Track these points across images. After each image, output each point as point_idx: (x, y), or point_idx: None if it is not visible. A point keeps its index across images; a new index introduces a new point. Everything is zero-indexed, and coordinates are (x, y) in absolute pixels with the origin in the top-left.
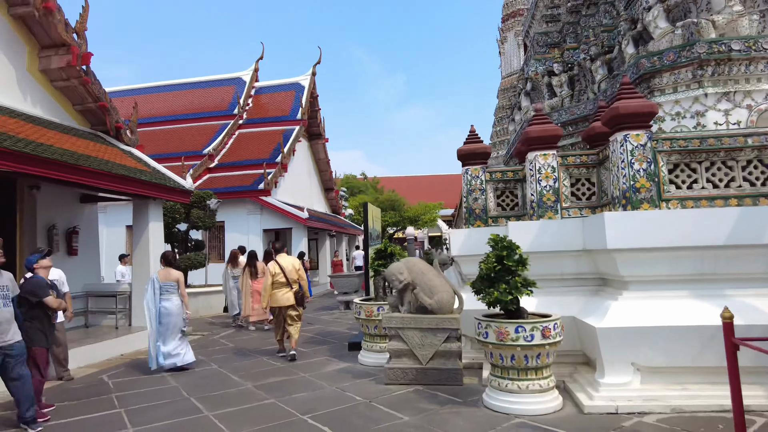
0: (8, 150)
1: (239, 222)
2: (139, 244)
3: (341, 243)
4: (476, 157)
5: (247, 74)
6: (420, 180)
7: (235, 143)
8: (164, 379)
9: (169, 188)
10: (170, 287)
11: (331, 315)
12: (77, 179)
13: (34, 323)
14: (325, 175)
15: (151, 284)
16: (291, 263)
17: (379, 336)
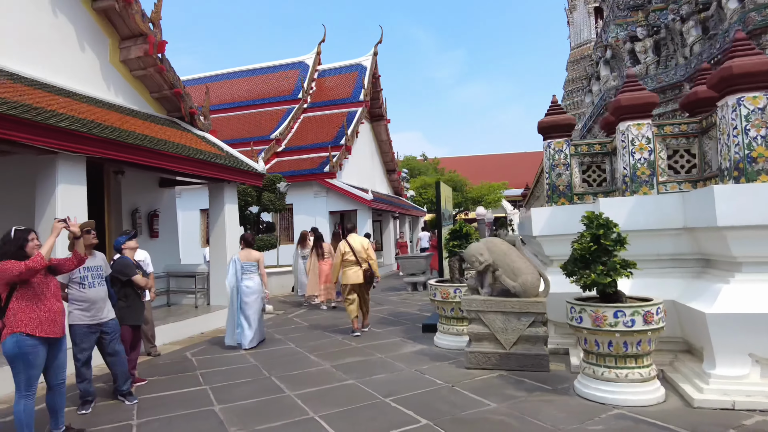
0: (97, 137)
1: (306, 204)
2: (215, 226)
3: (404, 224)
4: (559, 129)
5: (310, 58)
6: (482, 160)
7: (300, 127)
8: (244, 357)
9: (243, 171)
10: (251, 267)
11: (399, 296)
12: (159, 164)
13: (126, 301)
14: (387, 157)
15: (232, 264)
16: (360, 243)
17: (456, 318)
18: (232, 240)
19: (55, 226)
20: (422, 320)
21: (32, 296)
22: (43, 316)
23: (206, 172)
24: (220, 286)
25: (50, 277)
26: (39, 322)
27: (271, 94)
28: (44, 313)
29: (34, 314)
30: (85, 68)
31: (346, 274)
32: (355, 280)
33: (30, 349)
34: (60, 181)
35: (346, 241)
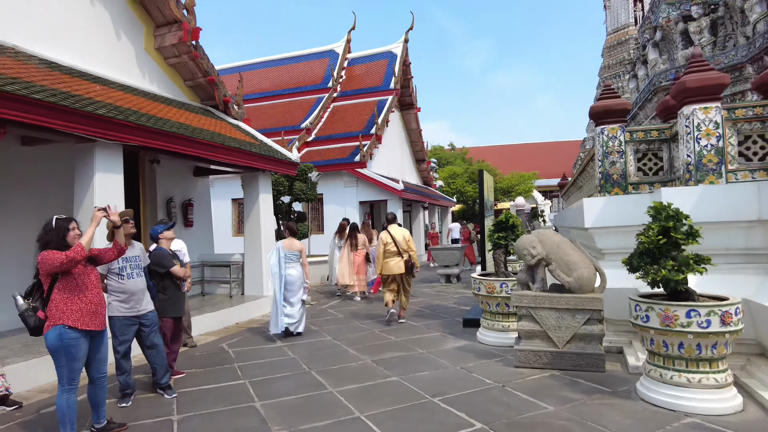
0: (134, 125)
1: (336, 194)
2: (250, 216)
3: (434, 215)
4: (613, 114)
5: (340, 46)
6: (511, 149)
7: (330, 116)
8: (281, 350)
9: (277, 160)
10: (293, 256)
11: (432, 288)
12: (194, 152)
13: (166, 293)
14: (417, 146)
15: (276, 252)
16: (402, 234)
17: (501, 314)
18: (267, 230)
19: (95, 215)
20: (460, 314)
21: (74, 287)
22: (84, 308)
23: (241, 161)
24: (255, 276)
25: (91, 268)
26: (81, 314)
27: (301, 84)
28: (86, 305)
29: (76, 306)
30: (121, 56)
31: (388, 264)
32: (397, 271)
33: (72, 341)
34: (98, 169)
35: (387, 232)
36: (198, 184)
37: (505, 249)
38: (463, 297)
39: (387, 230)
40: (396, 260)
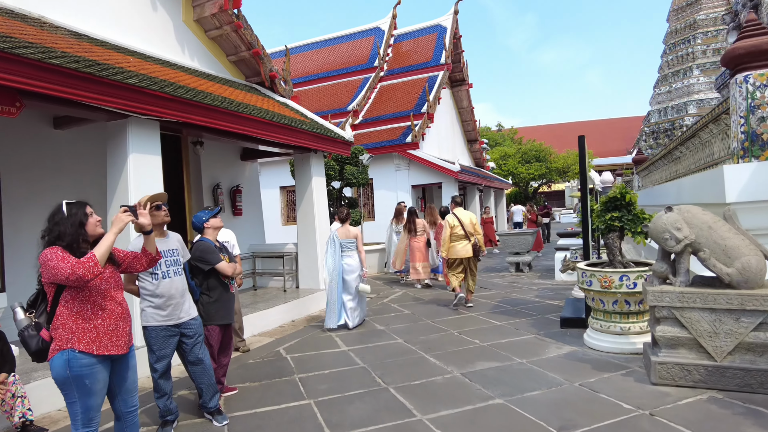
0: (170, 96)
1: (387, 178)
2: (302, 201)
3: (489, 198)
4: (761, 57)
5: (385, 23)
6: (560, 128)
7: (377, 97)
8: (347, 356)
9: (330, 139)
10: (350, 245)
11: (503, 278)
12: (240, 129)
13: (211, 295)
14: (469, 125)
15: (331, 242)
16: (468, 217)
17: (620, 313)
18: (321, 216)
19: (117, 217)
20: (550, 310)
21: (85, 299)
22: (101, 326)
23: (292, 140)
24: (310, 268)
25: (111, 270)
26: (96, 335)
27: (346, 64)
28: (103, 322)
29: (90, 324)
30: (157, 28)
31: (455, 248)
32: (465, 254)
33: (86, 370)
34: (132, 149)
35: (454, 215)
36: (246, 168)
37: (619, 232)
38: (543, 289)
39: (453, 213)
40: (463, 243)
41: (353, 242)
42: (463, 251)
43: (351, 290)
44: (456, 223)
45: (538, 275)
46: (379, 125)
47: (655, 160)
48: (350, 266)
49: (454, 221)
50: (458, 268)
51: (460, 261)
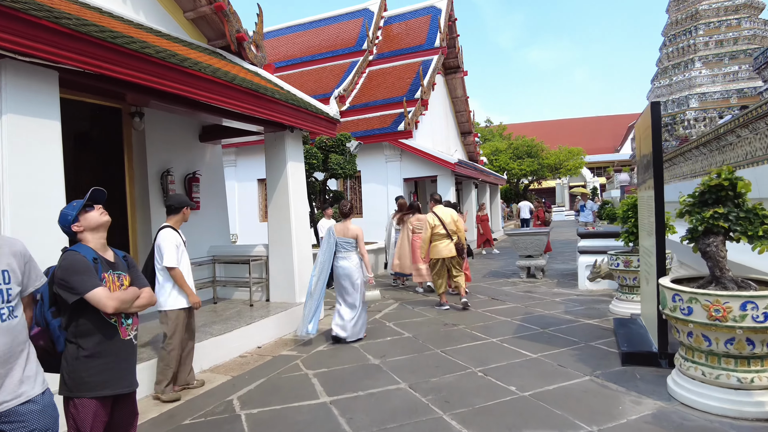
0: (72, 32)
1: (377, 170)
2: (275, 191)
3: (484, 195)
4: None
5: (375, 3)
6: (549, 125)
7: (366, 82)
8: (329, 414)
9: (310, 114)
10: (347, 245)
11: (514, 285)
12: (193, 93)
13: (82, 345)
14: (463, 117)
15: (327, 239)
16: (450, 215)
17: (737, 358)
18: (299, 211)
19: None
20: (588, 332)
21: None
22: None
23: (261, 111)
24: (284, 276)
25: None
26: None
27: (332, 47)
28: None
29: None
30: None
31: (437, 248)
32: (448, 254)
33: None
34: (6, 106)
35: (434, 214)
36: (206, 152)
37: (724, 236)
38: (569, 300)
39: (433, 212)
40: (445, 243)
41: (352, 242)
42: (445, 250)
43: (348, 298)
44: (437, 222)
45: (554, 282)
46: (368, 112)
47: (684, 150)
48: (345, 269)
49: (434, 220)
50: (441, 269)
51: (443, 261)
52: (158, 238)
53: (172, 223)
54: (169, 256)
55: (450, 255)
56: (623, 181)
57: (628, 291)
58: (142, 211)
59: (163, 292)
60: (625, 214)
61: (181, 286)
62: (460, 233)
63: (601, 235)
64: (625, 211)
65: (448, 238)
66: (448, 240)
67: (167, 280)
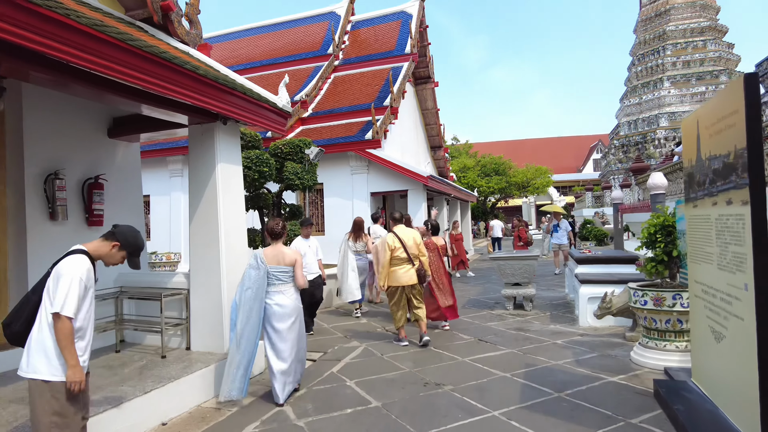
0: None
1: (341, 183)
2: (199, 202)
3: (455, 211)
4: None
5: (342, 7)
6: (514, 144)
7: (331, 88)
8: None
9: (249, 101)
10: (284, 275)
11: (502, 320)
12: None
13: None
14: (433, 130)
15: (256, 265)
16: (411, 236)
17: None
18: (232, 229)
19: None
20: (620, 399)
21: None
22: None
23: (184, 94)
24: (211, 315)
25: None
26: None
27: (295, 51)
28: None
29: None
30: None
31: (396, 274)
32: (408, 281)
33: None
34: None
35: (394, 235)
36: (117, 152)
37: None
38: (574, 343)
39: (393, 232)
40: (406, 268)
41: (288, 272)
42: (405, 277)
43: (282, 345)
44: (397, 244)
45: (547, 315)
46: (333, 120)
47: (669, 171)
48: (282, 308)
49: (394, 242)
50: (401, 298)
51: (403, 290)
52: (60, 267)
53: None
54: (65, 300)
55: (410, 282)
56: (616, 198)
57: (658, 337)
58: (15, 225)
59: (44, 350)
60: (651, 238)
61: (62, 348)
62: (423, 257)
63: (602, 260)
64: (651, 234)
65: (409, 263)
66: (408, 265)
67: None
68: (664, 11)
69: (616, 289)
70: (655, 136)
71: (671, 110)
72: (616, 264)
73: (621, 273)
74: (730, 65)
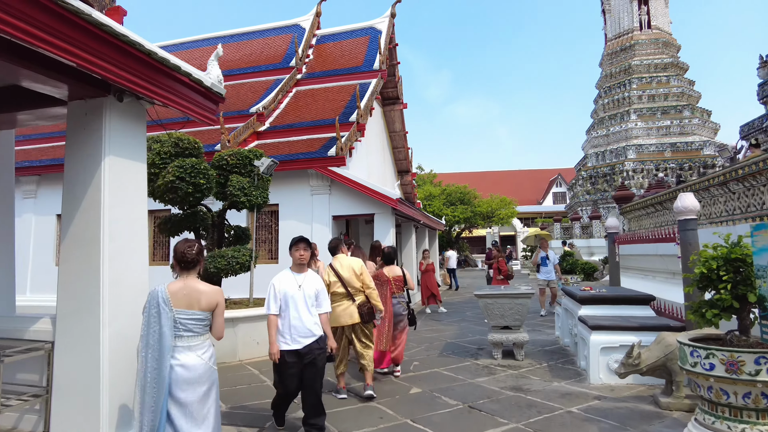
0: None
1: (299, 204)
2: (74, 216)
3: (423, 239)
4: None
5: (307, 20)
6: (477, 176)
7: (293, 102)
8: None
9: (160, 70)
10: (198, 324)
11: (492, 375)
12: None
13: None
14: (401, 153)
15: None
16: (350, 267)
17: None
18: (118, 252)
19: None
20: None
21: None
22: None
23: (56, 48)
24: (84, 381)
25: None
26: None
27: (255, 63)
28: None
29: None
30: None
31: (334, 312)
32: (348, 321)
33: None
34: None
35: (330, 267)
36: None
37: None
38: (593, 412)
39: (330, 265)
40: (344, 305)
41: (203, 320)
42: (345, 316)
43: (182, 423)
44: (332, 278)
45: (545, 367)
46: (293, 135)
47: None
48: (188, 371)
49: (329, 275)
50: (339, 342)
51: (342, 330)
52: None
53: None
54: None
55: (351, 322)
56: (612, 227)
57: (731, 416)
58: None
59: None
60: (712, 275)
61: None
62: (368, 290)
63: (610, 299)
64: (712, 270)
65: (349, 298)
66: (348, 301)
67: None
68: (629, 46)
69: (639, 339)
70: (623, 167)
71: (638, 142)
72: (626, 305)
73: (635, 316)
74: (692, 101)
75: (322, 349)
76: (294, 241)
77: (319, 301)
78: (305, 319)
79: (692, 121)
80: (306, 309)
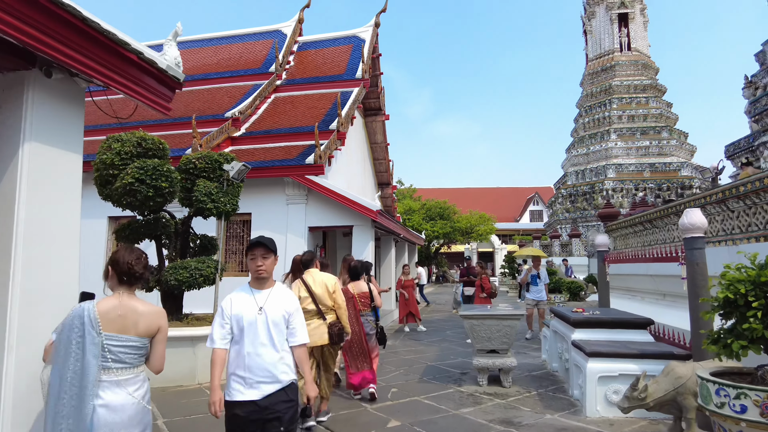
0: None
1: (273, 213)
2: None
3: (402, 254)
4: None
5: (289, 26)
6: (457, 192)
7: (271, 108)
8: None
9: (101, 42)
10: (129, 350)
11: (478, 405)
12: None
13: None
14: (382, 165)
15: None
16: (323, 283)
17: None
18: (34, 260)
19: None
20: None
21: None
22: None
23: None
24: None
25: None
26: None
27: (233, 68)
28: None
29: None
30: None
31: None
32: (318, 341)
33: None
34: None
35: (302, 282)
36: None
37: None
38: None
39: (302, 279)
40: (315, 324)
41: (139, 348)
42: (316, 336)
43: None
44: (303, 293)
45: (535, 396)
46: (270, 141)
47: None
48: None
49: (300, 290)
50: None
51: (312, 352)
52: None
53: None
54: None
55: (321, 342)
56: (602, 244)
57: None
58: None
59: None
60: (739, 300)
61: None
62: (339, 309)
63: (606, 323)
64: (739, 295)
65: (320, 317)
66: (318, 320)
67: None
68: (610, 67)
69: (644, 369)
70: (603, 186)
71: (618, 162)
72: (622, 328)
73: (633, 341)
74: (669, 122)
75: (291, 402)
76: (249, 247)
77: (292, 328)
78: (266, 357)
79: (670, 142)
80: (269, 341)
